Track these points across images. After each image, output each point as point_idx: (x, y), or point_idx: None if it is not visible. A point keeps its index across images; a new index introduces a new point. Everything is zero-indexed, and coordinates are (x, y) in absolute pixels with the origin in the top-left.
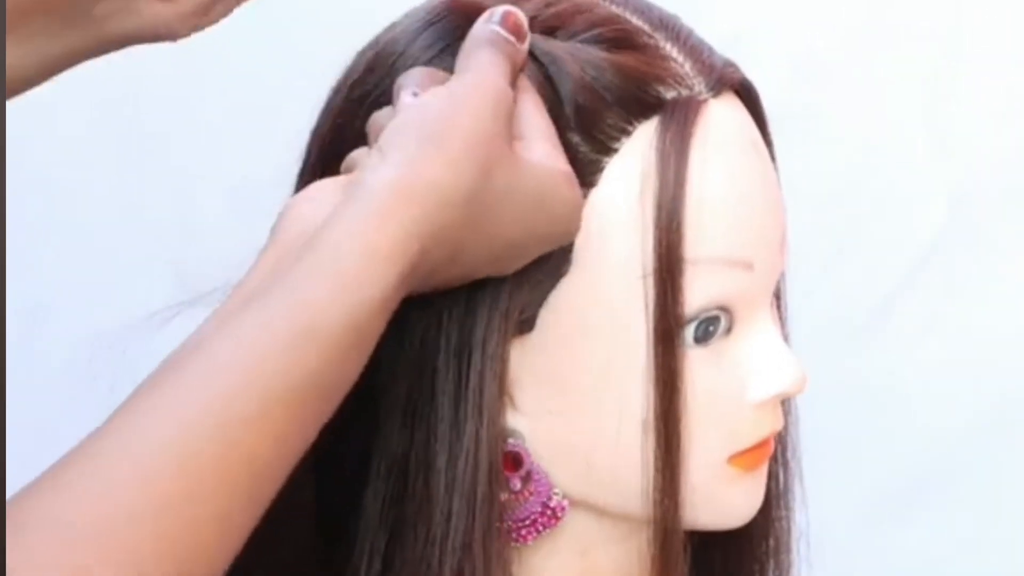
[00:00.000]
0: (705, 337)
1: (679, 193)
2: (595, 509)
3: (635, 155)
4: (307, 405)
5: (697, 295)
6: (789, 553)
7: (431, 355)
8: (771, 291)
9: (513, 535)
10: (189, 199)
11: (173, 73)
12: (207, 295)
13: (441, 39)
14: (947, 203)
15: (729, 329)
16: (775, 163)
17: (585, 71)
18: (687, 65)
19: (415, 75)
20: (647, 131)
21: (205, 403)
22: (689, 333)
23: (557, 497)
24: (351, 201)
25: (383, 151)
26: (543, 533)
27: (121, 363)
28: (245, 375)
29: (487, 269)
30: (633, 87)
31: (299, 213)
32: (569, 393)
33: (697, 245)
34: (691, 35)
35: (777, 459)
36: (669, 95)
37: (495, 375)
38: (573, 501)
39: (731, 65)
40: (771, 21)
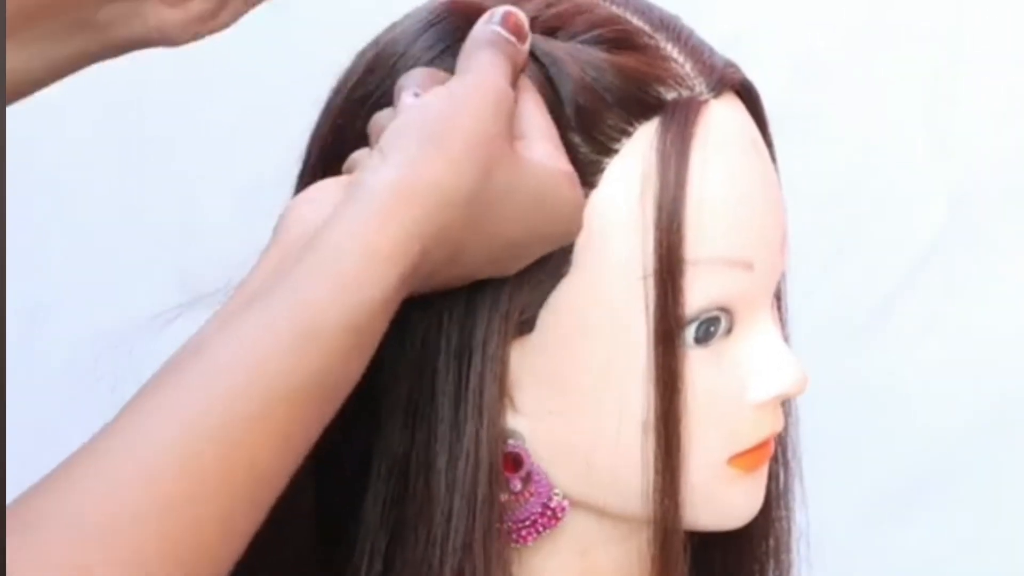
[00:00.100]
0: (705, 338)
1: (679, 194)
2: (595, 510)
3: (635, 156)
4: (309, 405)
5: (697, 296)
6: (789, 553)
7: (431, 356)
8: (771, 291)
9: (513, 536)
10: (191, 200)
11: (177, 77)
12: (209, 296)
13: (442, 40)
14: (947, 203)
15: (729, 330)
16: (775, 163)
17: (586, 72)
18: (688, 66)
19: (416, 76)
20: (647, 132)
21: (207, 404)
22: (689, 334)
23: (557, 498)
24: (352, 202)
25: (384, 152)
26: (543, 534)
27: (122, 364)
28: (247, 375)
29: (488, 270)
30: (634, 88)
31: (300, 214)
32: (569, 394)
33: (697, 246)
34: (692, 35)
35: (777, 459)
36: (670, 96)
37: (495, 376)
38: (573, 502)
39: (732, 65)
40: (771, 21)
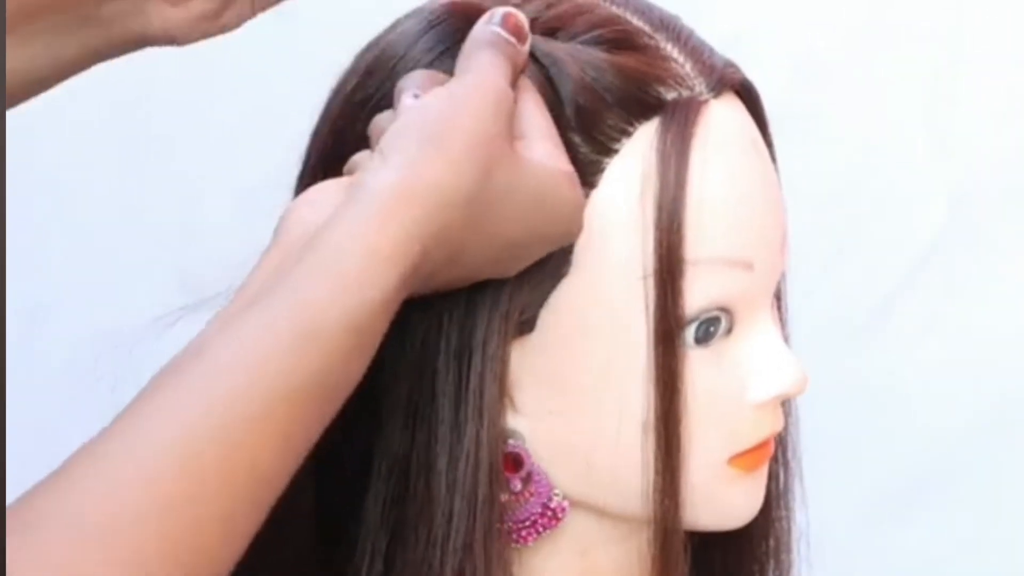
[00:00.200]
0: (705, 338)
1: (679, 194)
2: (595, 510)
3: (635, 156)
4: (310, 406)
5: (697, 296)
6: (789, 553)
7: (431, 356)
8: (771, 291)
9: (513, 536)
10: (192, 200)
11: (178, 77)
12: (211, 297)
13: (442, 42)
14: (947, 203)
15: (729, 330)
16: (775, 163)
17: (585, 72)
18: (688, 66)
19: (416, 78)
20: (648, 132)
21: (207, 405)
22: (689, 334)
23: (557, 498)
24: (352, 202)
25: (384, 153)
26: (543, 534)
27: (122, 364)
28: (247, 376)
29: (488, 270)
30: (634, 88)
31: (301, 215)
32: (569, 394)
33: (697, 246)
34: (692, 36)
35: (777, 459)
36: (670, 96)
37: (495, 376)
38: (573, 502)
39: (732, 66)
40: (771, 21)
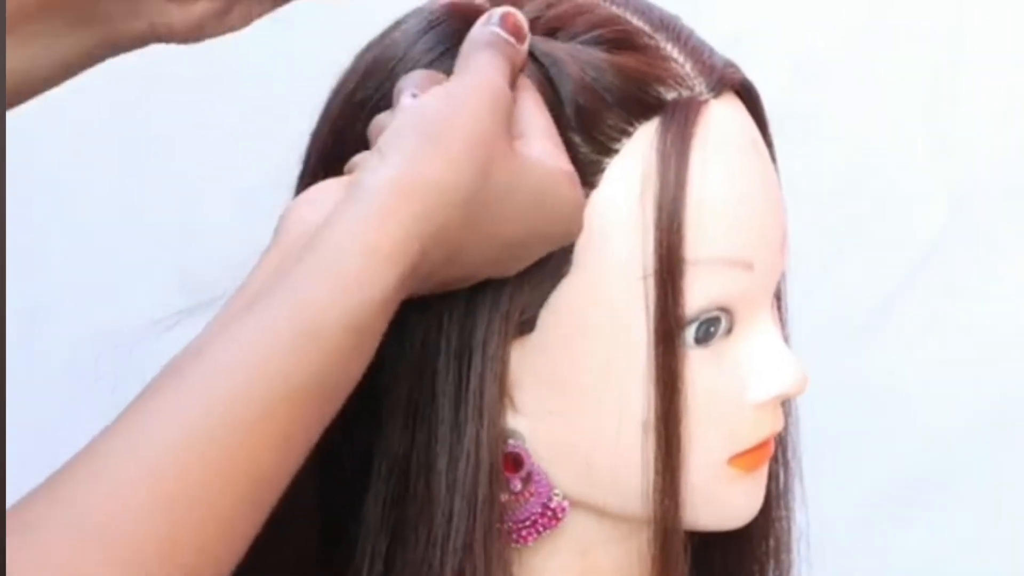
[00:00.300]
0: (706, 338)
1: (679, 194)
2: (595, 510)
3: (635, 156)
4: (310, 406)
5: (697, 296)
6: (789, 553)
7: (431, 357)
8: (771, 291)
9: (513, 536)
10: (192, 200)
11: (178, 77)
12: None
13: (441, 43)
14: (947, 203)
15: (729, 330)
16: (775, 163)
17: (585, 72)
18: (688, 66)
19: (415, 77)
20: (648, 132)
21: (208, 405)
22: (689, 334)
23: (557, 498)
24: (351, 201)
25: (383, 152)
26: (543, 534)
27: (122, 364)
28: (248, 376)
29: (487, 271)
30: (634, 88)
31: (300, 214)
32: (569, 394)
33: (697, 246)
34: (692, 36)
35: (777, 459)
36: (670, 96)
37: (495, 376)
38: (573, 502)
39: (732, 66)
40: (771, 21)
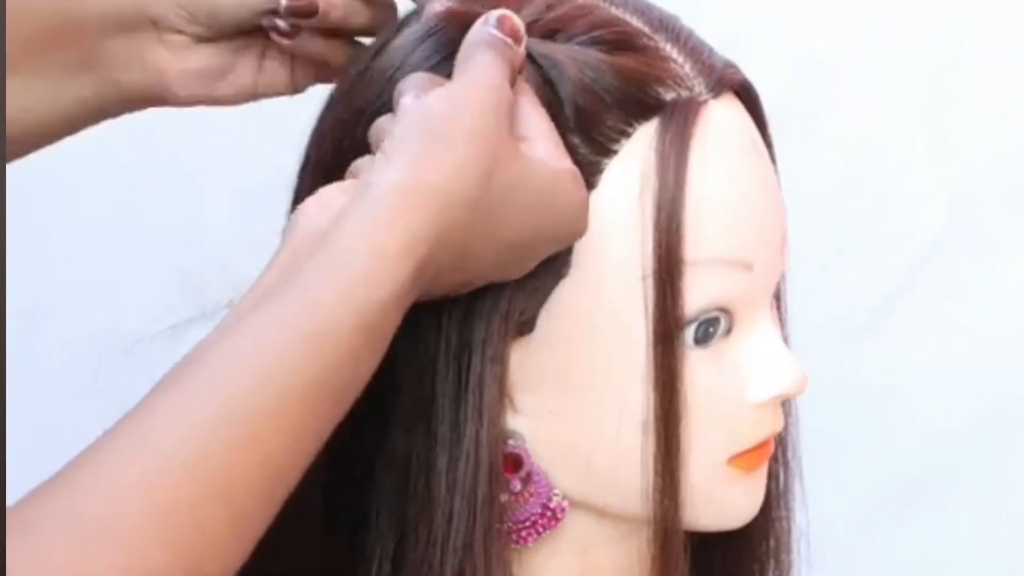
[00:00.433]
0: (705, 338)
1: (679, 194)
2: (595, 510)
3: (635, 156)
4: (322, 402)
5: (697, 296)
6: (789, 553)
7: (431, 357)
8: (771, 292)
9: (513, 536)
10: (191, 200)
11: None
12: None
13: (439, 51)
14: (947, 203)
15: (729, 330)
16: (775, 163)
17: (584, 73)
18: (687, 66)
19: (415, 80)
20: (647, 132)
21: (220, 399)
22: (689, 334)
23: (557, 498)
24: (359, 203)
25: (388, 155)
26: (543, 534)
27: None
28: (261, 370)
29: (493, 275)
30: (633, 88)
31: (310, 216)
32: (569, 394)
33: (697, 246)
34: (691, 36)
35: (777, 459)
36: (669, 96)
37: (495, 377)
38: (573, 502)
39: (731, 66)
40: (771, 21)
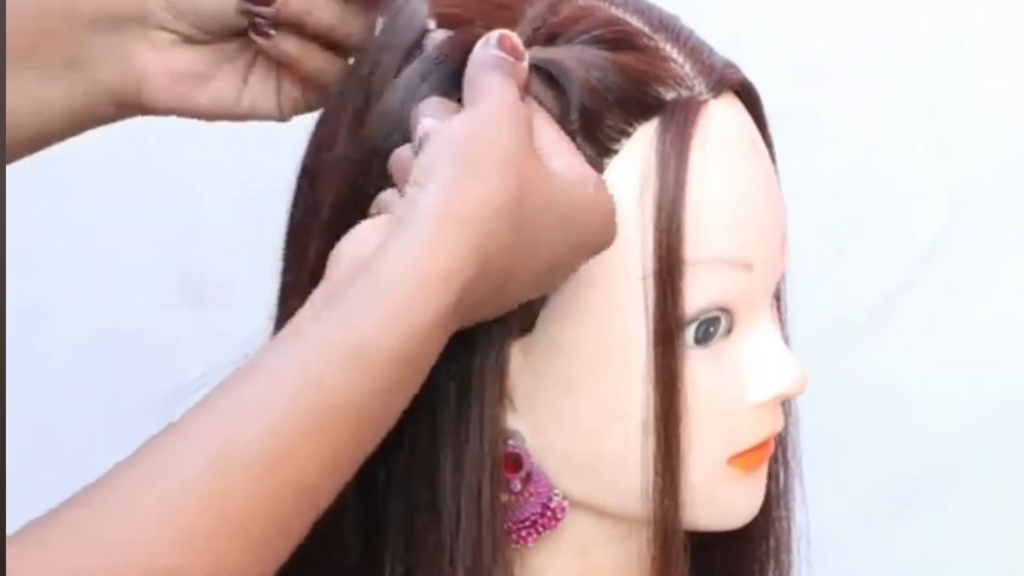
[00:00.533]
0: (705, 338)
1: (679, 194)
2: (595, 510)
3: (635, 156)
4: (359, 426)
5: (697, 296)
6: (789, 553)
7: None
8: (771, 292)
9: (513, 536)
10: (191, 200)
11: None
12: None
13: (447, 79)
14: (947, 203)
15: (729, 330)
16: (775, 163)
17: (590, 73)
18: (687, 66)
19: (431, 104)
20: (647, 132)
21: (260, 415)
22: (689, 334)
23: (557, 498)
24: (400, 231)
25: (420, 183)
26: (543, 534)
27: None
28: (301, 389)
29: (530, 295)
30: (633, 88)
31: (349, 251)
32: (569, 394)
33: (697, 246)
34: (691, 36)
35: (777, 459)
36: (669, 96)
37: (495, 377)
38: (573, 502)
39: (731, 66)
40: (771, 21)
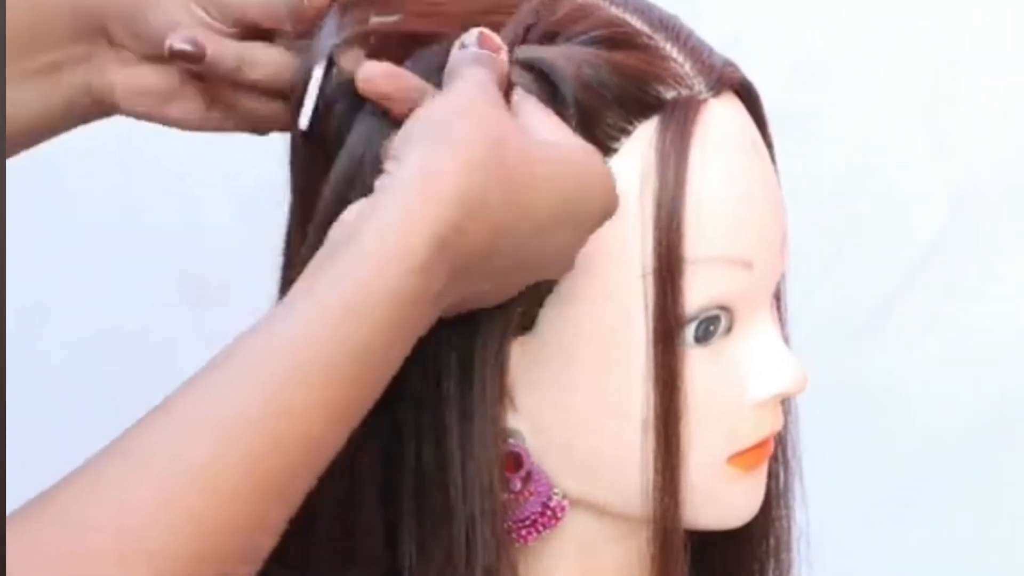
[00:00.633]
0: (705, 337)
1: (679, 193)
2: (595, 509)
3: (635, 155)
4: (360, 377)
5: (697, 295)
6: (789, 552)
7: (433, 357)
8: (771, 291)
9: (514, 535)
10: (191, 200)
11: None
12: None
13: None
14: (947, 203)
15: (729, 329)
16: (775, 163)
17: (582, 69)
18: (687, 65)
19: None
20: (647, 131)
21: (265, 373)
22: (689, 333)
23: (557, 497)
24: (382, 196)
25: (397, 157)
26: (543, 533)
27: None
28: (302, 344)
29: (537, 268)
30: (633, 87)
31: (342, 221)
32: (569, 392)
33: (697, 245)
34: (691, 35)
35: (777, 459)
36: (669, 95)
37: (495, 375)
38: (573, 501)
39: (731, 65)
40: (771, 21)
